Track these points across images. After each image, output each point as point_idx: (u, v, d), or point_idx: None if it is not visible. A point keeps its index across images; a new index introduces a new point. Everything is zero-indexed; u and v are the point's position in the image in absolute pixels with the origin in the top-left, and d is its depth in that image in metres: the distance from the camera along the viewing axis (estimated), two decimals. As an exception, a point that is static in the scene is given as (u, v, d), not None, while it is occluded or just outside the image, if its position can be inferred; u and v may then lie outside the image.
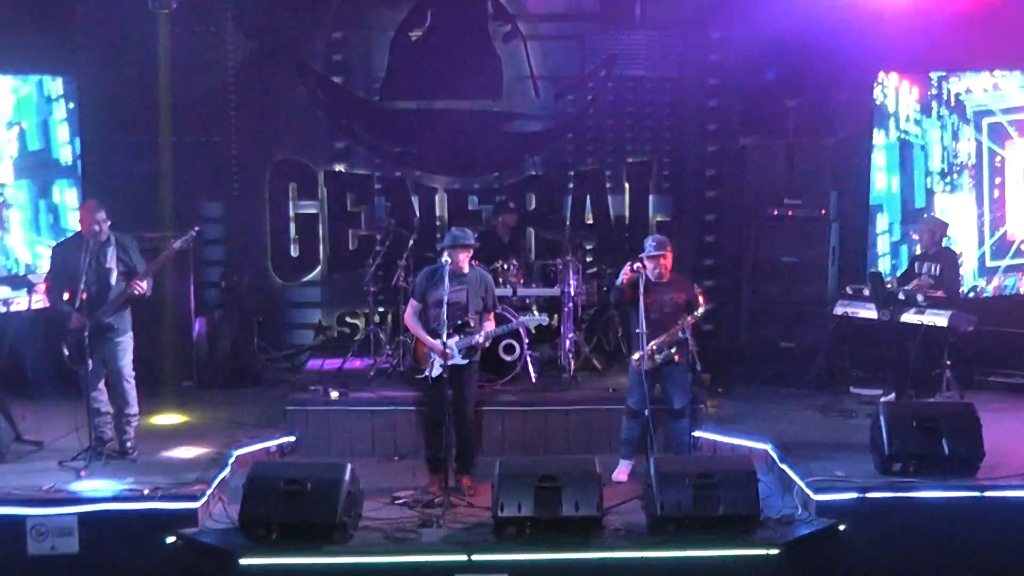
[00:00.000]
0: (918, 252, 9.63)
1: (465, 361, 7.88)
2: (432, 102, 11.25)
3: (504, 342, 9.18)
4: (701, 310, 8.06)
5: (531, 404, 9.10)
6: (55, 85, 10.16)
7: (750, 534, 7.15)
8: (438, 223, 11.33)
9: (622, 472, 8.27)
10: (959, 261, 9.65)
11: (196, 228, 8.22)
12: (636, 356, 8.03)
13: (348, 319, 11.45)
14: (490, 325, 8.03)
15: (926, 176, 10.82)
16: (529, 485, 7.12)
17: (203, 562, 7.11)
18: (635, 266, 8.03)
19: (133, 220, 9.10)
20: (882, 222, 10.77)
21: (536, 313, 9.30)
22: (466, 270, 7.94)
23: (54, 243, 8.69)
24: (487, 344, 8.05)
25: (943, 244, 9.45)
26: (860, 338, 9.89)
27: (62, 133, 10.29)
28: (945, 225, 9.57)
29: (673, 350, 8.03)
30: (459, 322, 7.87)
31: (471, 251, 7.99)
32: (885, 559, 7.34)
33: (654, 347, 7.99)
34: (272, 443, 8.79)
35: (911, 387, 9.06)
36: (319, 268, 11.47)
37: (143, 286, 7.84)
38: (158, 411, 9.16)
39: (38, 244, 10.03)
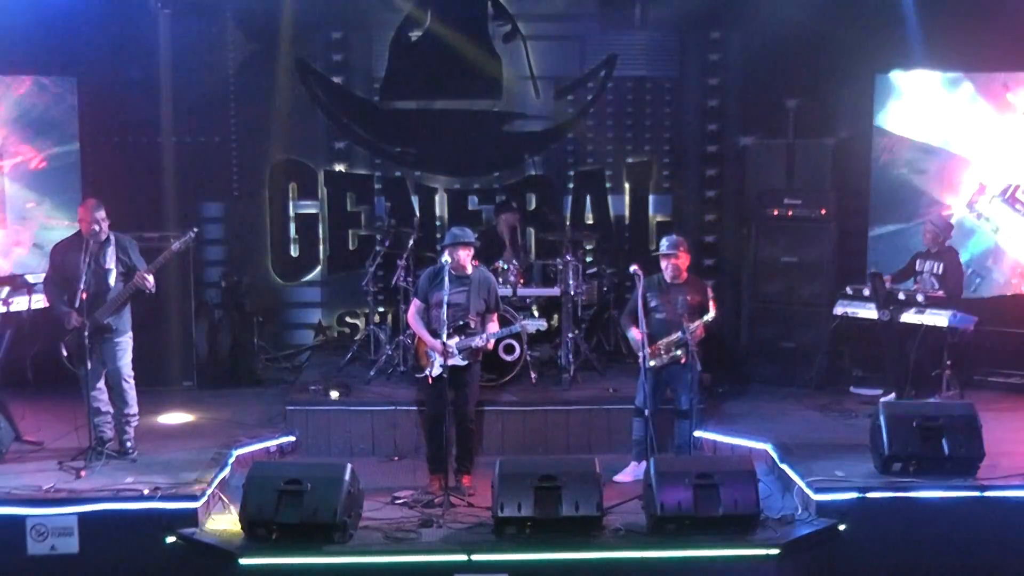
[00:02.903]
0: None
1: (465, 362, 7.88)
2: (432, 102, 11.26)
3: (504, 342, 9.17)
4: (710, 315, 8.04)
5: (531, 404, 9.10)
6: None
7: (750, 534, 7.14)
8: (438, 223, 11.33)
9: (626, 473, 8.26)
10: (962, 261, 9.63)
11: (195, 229, 8.21)
12: (640, 355, 8.04)
13: (348, 319, 11.46)
14: (493, 326, 8.02)
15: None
16: (529, 485, 7.12)
17: (203, 562, 7.11)
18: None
19: (133, 220, 9.10)
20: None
21: (536, 315, 9.30)
22: (468, 270, 7.93)
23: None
24: (488, 346, 8.05)
25: (946, 244, 9.44)
26: (860, 338, 9.89)
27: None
28: (950, 225, 9.55)
29: (680, 352, 8.02)
30: (460, 323, 7.86)
31: (472, 249, 7.99)
32: (885, 559, 7.33)
33: (661, 346, 8.00)
34: (272, 443, 8.79)
35: (911, 387, 9.05)
36: (319, 268, 11.47)
37: (150, 280, 7.82)
38: (162, 410, 9.17)
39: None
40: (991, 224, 10.48)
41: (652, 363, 8.00)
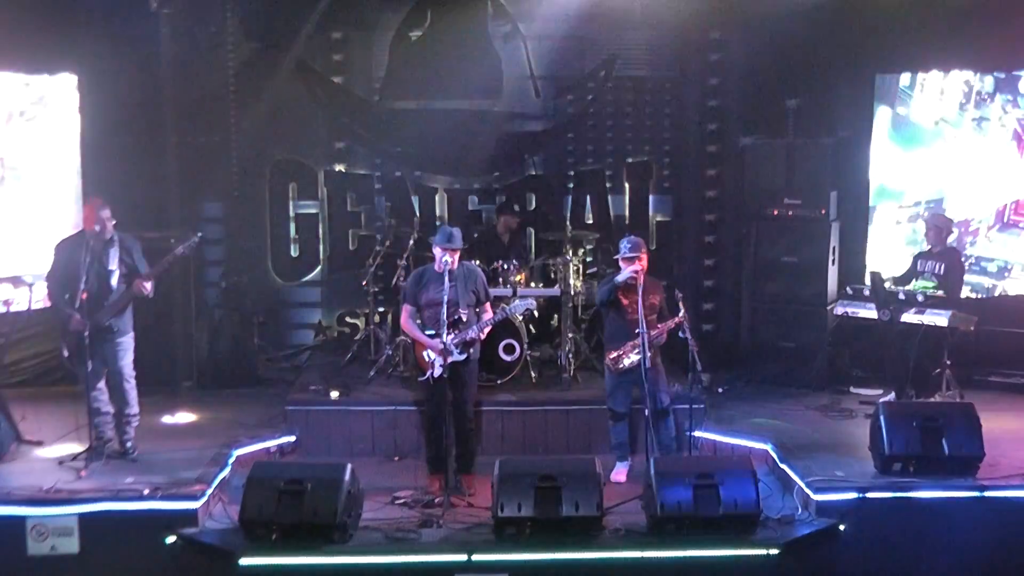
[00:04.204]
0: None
1: (463, 356, 7.88)
2: (432, 102, 11.26)
3: (504, 342, 9.18)
4: (681, 315, 8.03)
5: (531, 404, 9.10)
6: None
7: (750, 534, 7.15)
8: (438, 223, 11.31)
9: (619, 473, 8.28)
10: (964, 261, 9.62)
11: (199, 234, 8.21)
12: (612, 355, 8.06)
13: (348, 319, 11.46)
14: (488, 315, 8.05)
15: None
16: (529, 485, 7.12)
17: (203, 562, 7.11)
18: (635, 270, 8.03)
19: (133, 220, 9.09)
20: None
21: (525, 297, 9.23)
22: (454, 267, 7.95)
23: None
24: (483, 335, 8.04)
25: (948, 243, 9.43)
26: (860, 338, 9.89)
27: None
28: (951, 223, 9.54)
29: (649, 353, 8.03)
30: (453, 318, 7.87)
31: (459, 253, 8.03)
32: (885, 559, 7.34)
33: (630, 348, 7.99)
34: (272, 443, 8.79)
35: (911, 387, 9.05)
36: (319, 268, 11.48)
37: (147, 287, 7.82)
38: (162, 410, 9.17)
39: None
40: (994, 264, 10.24)
41: (624, 363, 8.02)
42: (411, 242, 9.87)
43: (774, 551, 7.04)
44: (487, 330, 8.05)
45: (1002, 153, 10.21)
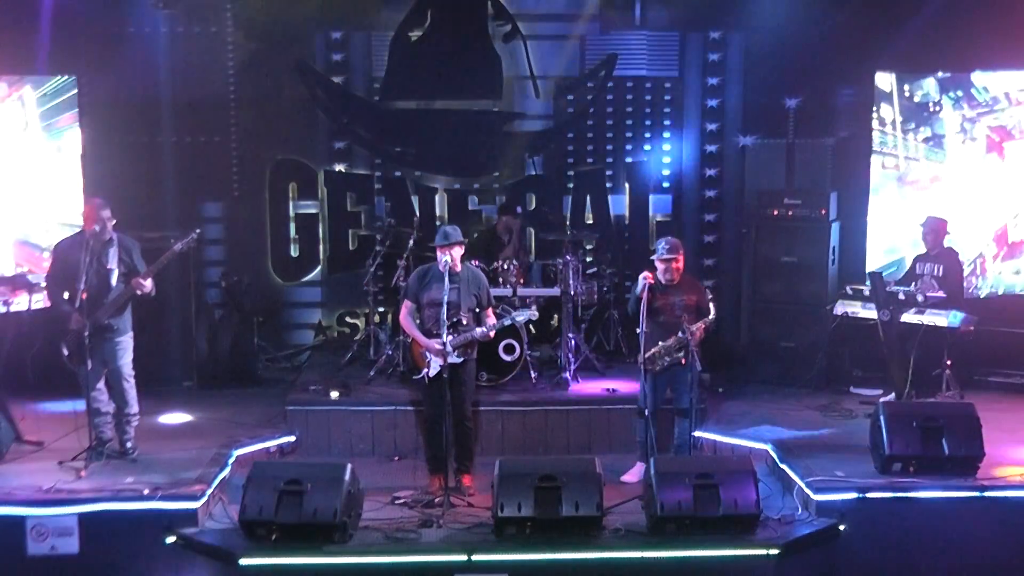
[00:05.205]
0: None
1: (460, 359, 7.89)
2: (432, 102, 11.26)
3: (504, 342, 9.18)
4: (711, 316, 8.06)
5: (531, 404, 9.10)
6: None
7: (750, 534, 7.15)
8: (438, 223, 11.30)
9: (631, 474, 8.25)
10: (961, 261, 9.62)
11: (197, 231, 8.21)
12: (642, 357, 8.05)
13: (348, 319, 11.46)
14: (491, 319, 8.04)
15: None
16: (529, 485, 7.12)
17: (203, 562, 7.11)
18: (647, 274, 8.04)
19: (133, 220, 9.09)
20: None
21: (527, 304, 9.25)
22: (458, 268, 7.94)
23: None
24: (491, 335, 8.04)
25: (944, 244, 9.43)
26: (860, 338, 9.89)
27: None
28: (946, 223, 9.53)
29: (681, 353, 8.02)
30: (453, 320, 7.87)
31: (463, 247, 8.00)
32: (885, 559, 7.34)
33: (662, 349, 7.99)
34: (272, 443, 8.79)
35: (911, 387, 9.06)
36: (319, 268, 11.47)
37: (146, 284, 7.82)
38: (162, 410, 9.17)
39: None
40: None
41: (658, 365, 8.01)
42: (411, 242, 9.87)
43: (774, 551, 7.04)
44: (492, 333, 8.04)
45: (981, 168, 10.03)
